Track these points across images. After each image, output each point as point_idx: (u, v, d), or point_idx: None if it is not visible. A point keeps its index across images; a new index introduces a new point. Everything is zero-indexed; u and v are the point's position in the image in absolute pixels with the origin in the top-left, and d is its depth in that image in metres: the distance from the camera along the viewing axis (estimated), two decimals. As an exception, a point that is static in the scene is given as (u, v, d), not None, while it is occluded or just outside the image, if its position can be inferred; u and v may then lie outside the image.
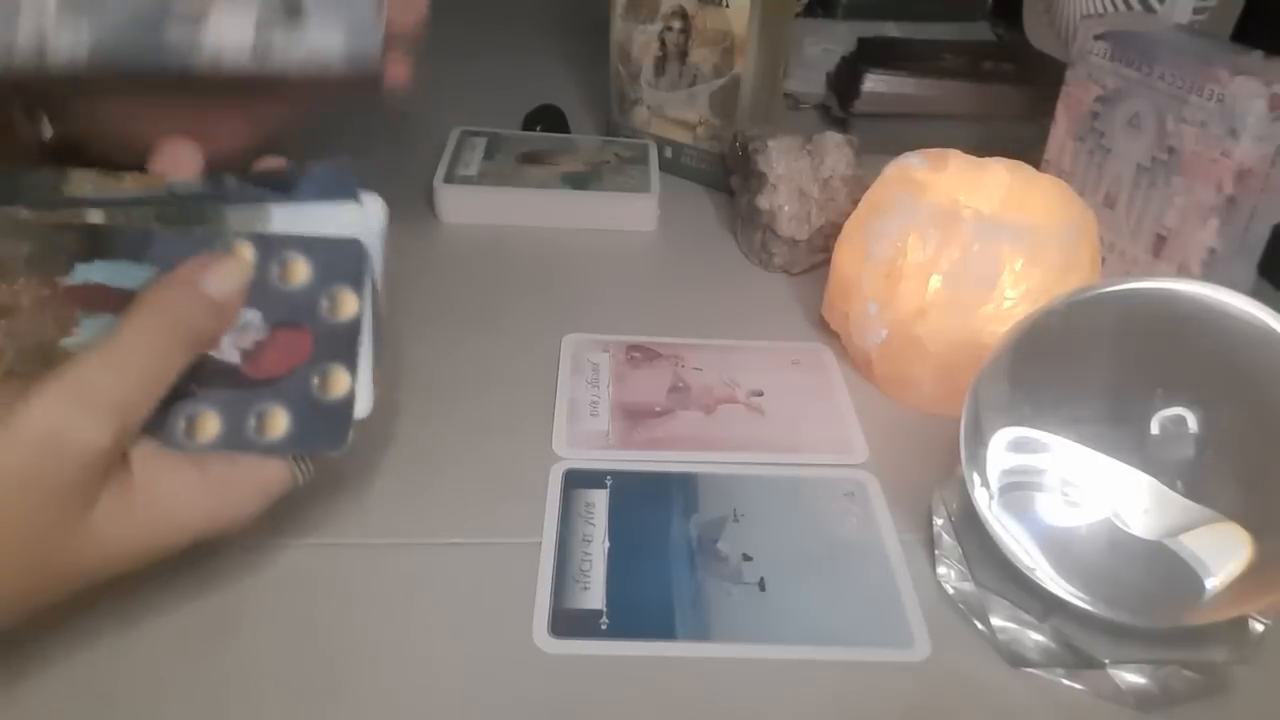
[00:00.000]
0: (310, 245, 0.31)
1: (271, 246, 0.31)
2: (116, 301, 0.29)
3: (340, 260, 0.32)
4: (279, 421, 0.31)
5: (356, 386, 0.32)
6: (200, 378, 0.30)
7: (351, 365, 0.32)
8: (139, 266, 0.30)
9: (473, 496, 0.40)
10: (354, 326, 0.32)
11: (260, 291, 0.31)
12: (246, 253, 0.31)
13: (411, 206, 0.61)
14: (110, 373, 0.27)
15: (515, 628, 0.35)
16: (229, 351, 0.31)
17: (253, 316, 0.31)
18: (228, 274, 0.30)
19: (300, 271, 0.31)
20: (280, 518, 0.38)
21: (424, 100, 0.77)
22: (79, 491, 0.27)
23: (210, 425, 0.30)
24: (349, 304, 0.32)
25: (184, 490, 0.30)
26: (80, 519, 0.27)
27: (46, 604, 0.29)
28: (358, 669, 0.33)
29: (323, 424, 0.31)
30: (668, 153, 0.67)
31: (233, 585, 0.36)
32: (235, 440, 0.31)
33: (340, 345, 0.31)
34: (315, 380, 0.31)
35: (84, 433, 0.26)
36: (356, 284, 0.32)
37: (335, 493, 0.40)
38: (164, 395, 0.29)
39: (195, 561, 0.36)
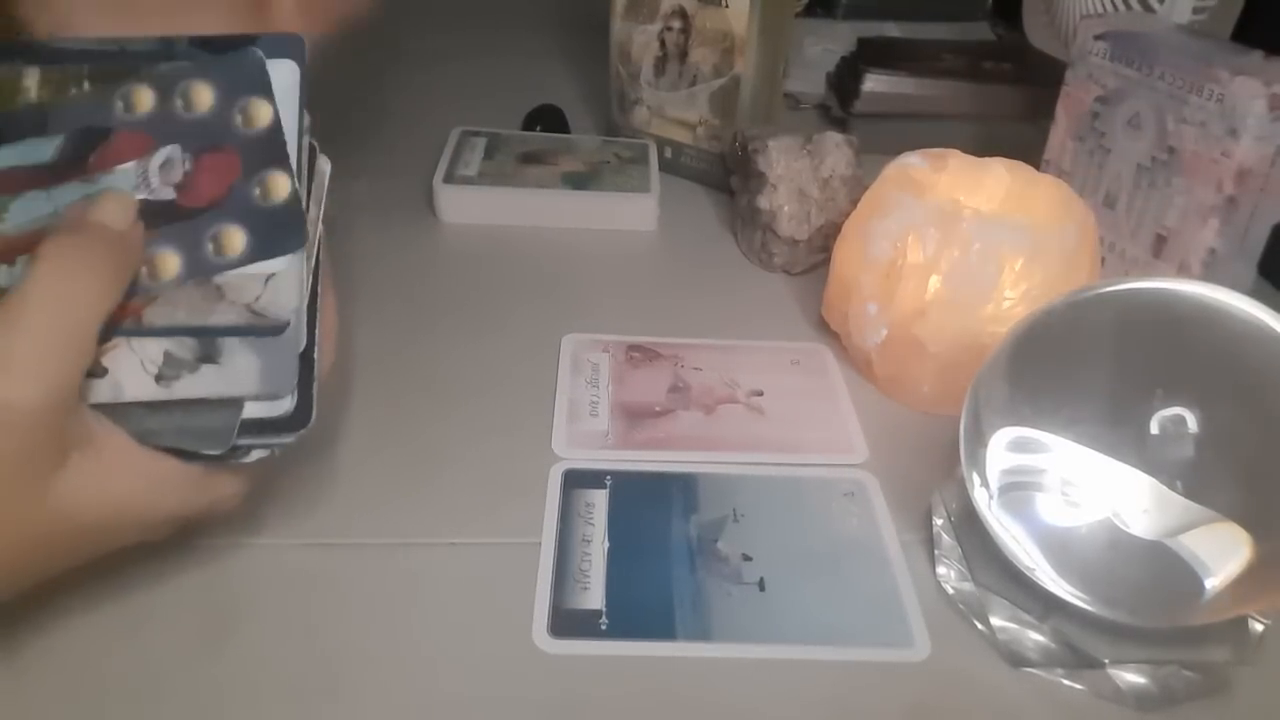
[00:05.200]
0: (207, 68, 0.32)
1: (169, 80, 0.31)
2: (35, 179, 0.30)
3: (241, 75, 0.32)
4: (235, 239, 0.31)
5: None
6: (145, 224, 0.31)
7: (285, 166, 0.32)
8: (45, 140, 0.30)
9: (473, 496, 0.40)
10: (275, 130, 0.32)
11: (171, 125, 0.31)
12: (129, 177, 0.31)
13: (411, 206, 0.61)
14: (22, 333, 0.26)
15: (515, 628, 0.35)
16: (162, 190, 0.31)
17: (172, 151, 0.31)
18: (115, 206, 0.30)
19: (204, 96, 0.31)
20: (280, 517, 0.38)
21: (424, 100, 0.77)
22: (35, 455, 0.27)
23: (169, 262, 0.31)
24: (262, 111, 0.32)
25: (162, 468, 0.30)
26: (47, 484, 0.27)
27: (32, 578, 0.29)
28: (357, 669, 0.33)
29: (278, 228, 0.31)
30: (668, 153, 0.67)
31: (233, 585, 0.36)
32: (198, 268, 0.31)
33: (268, 151, 0.32)
34: (256, 190, 0.31)
35: (15, 397, 0.26)
36: (264, 92, 0.32)
37: (335, 493, 0.40)
38: (94, 342, 0.28)
39: (195, 558, 0.36)
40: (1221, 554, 0.30)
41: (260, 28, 0.38)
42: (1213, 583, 0.31)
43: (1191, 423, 0.31)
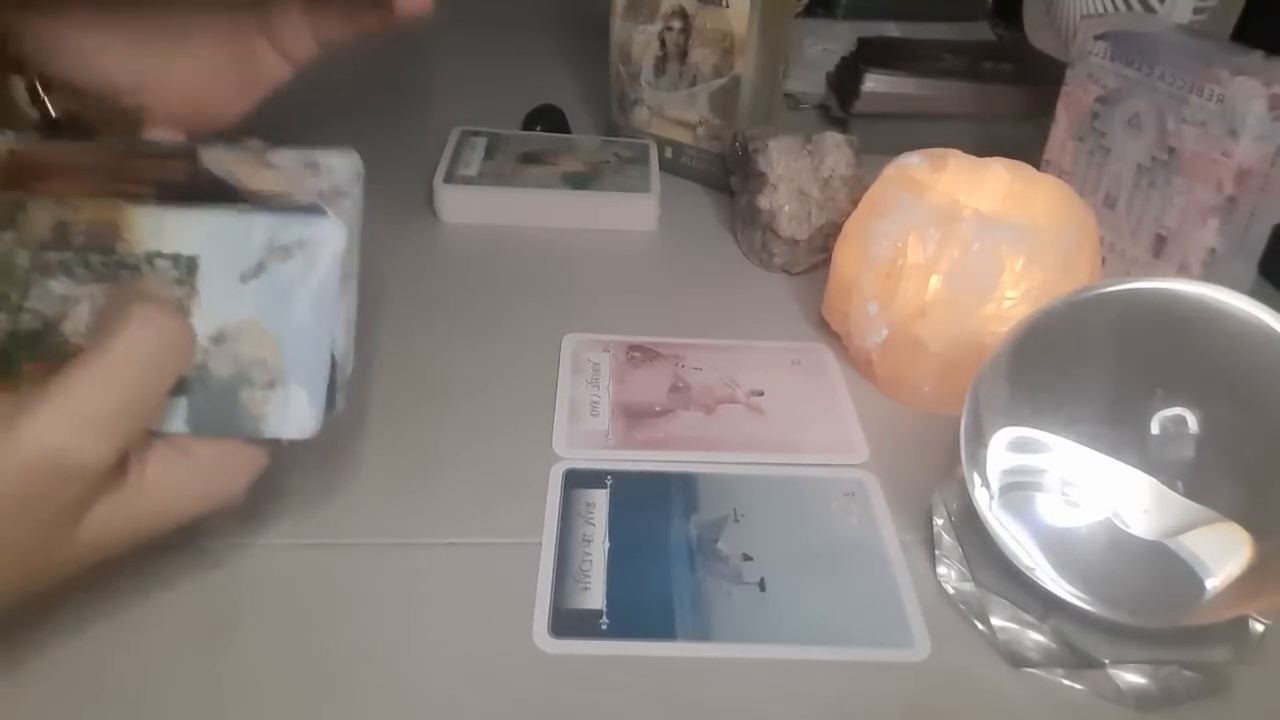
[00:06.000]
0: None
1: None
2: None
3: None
4: None
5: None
6: None
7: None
8: None
9: (473, 496, 0.40)
10: None
11: None
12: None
13: (411, 206, 0.61)
14: (106, 388, 0.27)
15: (515, 628, 0.35)
16: None
17: None
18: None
19: None
20: (280, 517, 0.38)
21: (424, 100, 0.77)
22: (76, 503, 0.27)
23: None
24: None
25: (174, 478, 0.30)
26: (78, 521, 0.27)
27: (40, 590, 0.29)
28: (357, 669, 0.33)
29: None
30: (668, 153, 0.67)
31: (233, 585, 0.36)
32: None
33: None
34: None
35: (86, 453, 0.26)
36: None
37: (335, 493, 0.40)
38: (161, 409, 0.29)
39: (194, 558, 0.36)
40: (1221, 554, 0.30)
41: (264, 44, 0.39)
42: (1213, 583, 0.31)
43: (1191, 423, 0.31)
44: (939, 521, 0.38)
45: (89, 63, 0.36)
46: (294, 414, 0.31)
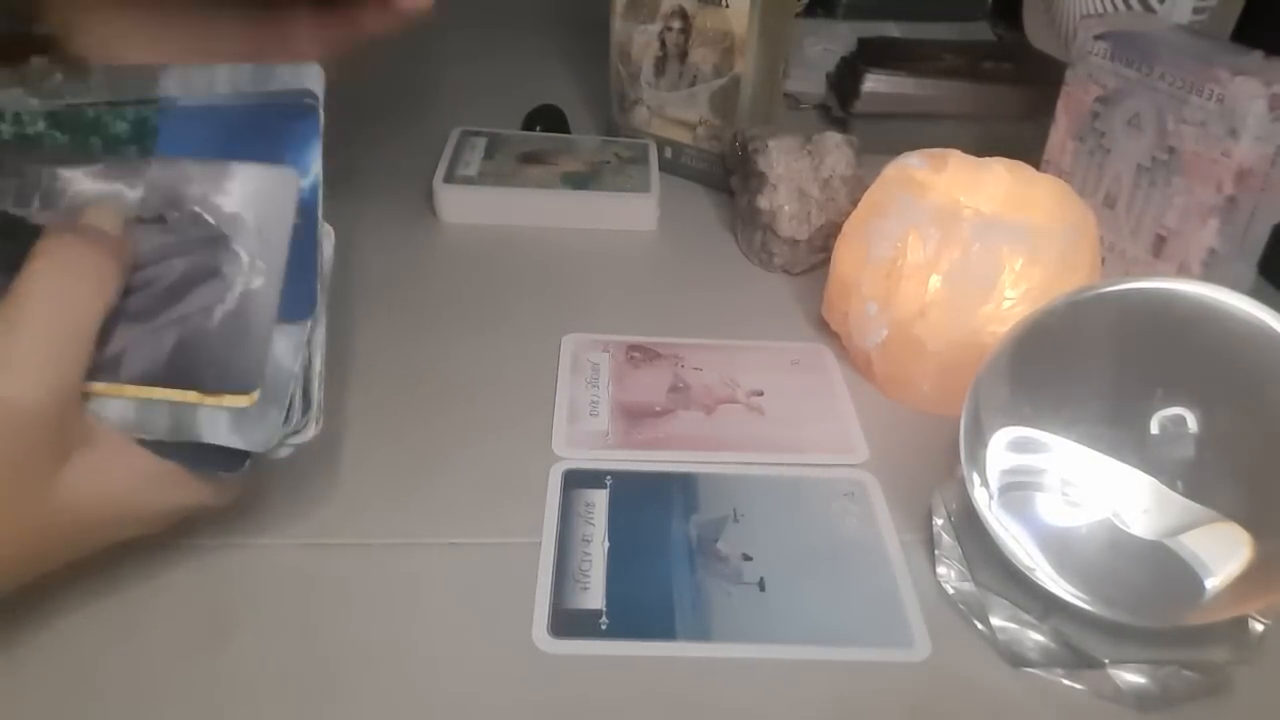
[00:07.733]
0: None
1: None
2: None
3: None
4: None
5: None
6: None
7: None
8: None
9: (473, 496, 0.40)
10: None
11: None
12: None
13: (411, 206, 0.61)
14: (23, 332, 0.27)
15: (515, 628, 0.35)
16: None
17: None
18: (106, 214, 0.30)
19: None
20: (279, 517, 0.38)
21: (424, 100, 0.77)
22: (38, 453, 0.27)
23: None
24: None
25: (161, 465, 0.30)
26: (50, 481, 0.28)
27: (32, 573, 0.30)
28: (357, 669, 0.33)
29: None
30: (668, 153, 0.67)
31: (232, 585, 0.36)
32: None
33: None
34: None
35: (18, 395, 0.26)
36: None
37: (335, 493, 0.40)
38: (93, 340, 0.28)
39: (194, 557, 0.36)
40: (1221, 554, 0.30)
41: (276, 50, 0.39)
42: (1213, 583, 0.31)
43: (1191, 423, 0.31)
44: (939, 521, 0.38)
45: (108, 48, 0.36)
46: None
